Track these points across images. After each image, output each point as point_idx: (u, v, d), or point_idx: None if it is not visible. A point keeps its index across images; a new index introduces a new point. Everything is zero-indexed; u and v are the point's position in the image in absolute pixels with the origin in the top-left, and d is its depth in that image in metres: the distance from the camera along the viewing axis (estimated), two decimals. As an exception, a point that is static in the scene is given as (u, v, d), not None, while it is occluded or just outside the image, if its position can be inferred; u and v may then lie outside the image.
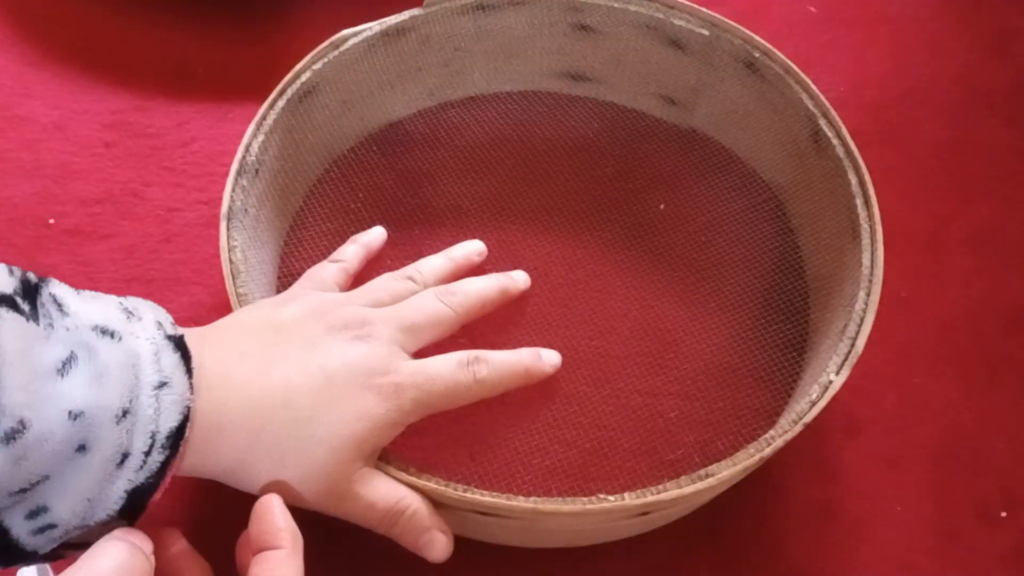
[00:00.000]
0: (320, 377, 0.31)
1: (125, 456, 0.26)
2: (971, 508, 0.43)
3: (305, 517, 0.42)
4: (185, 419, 0.28)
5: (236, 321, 0.35)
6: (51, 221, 0.51)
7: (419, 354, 0.37)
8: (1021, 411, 0.46)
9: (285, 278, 0.47)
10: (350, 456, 0.32)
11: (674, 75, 0.53)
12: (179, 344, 0.29)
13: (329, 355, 0.32)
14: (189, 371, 0.28)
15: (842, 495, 0.43)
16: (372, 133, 0.54)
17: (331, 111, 0.50)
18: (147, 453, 0.26)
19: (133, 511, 0.27)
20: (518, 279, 0.44)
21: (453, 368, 0.36)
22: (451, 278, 0.42)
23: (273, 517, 0.29)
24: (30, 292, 0.27)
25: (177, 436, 0.27)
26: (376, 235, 0.46)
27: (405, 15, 0.50)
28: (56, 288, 0.28)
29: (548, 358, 0.42)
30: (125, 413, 0.26)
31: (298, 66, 0.47)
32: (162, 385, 0.27)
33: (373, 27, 0.49)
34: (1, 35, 0.60)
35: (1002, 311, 0.50)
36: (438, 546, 0.34)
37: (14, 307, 0.25)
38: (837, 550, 0.42)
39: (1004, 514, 0.43)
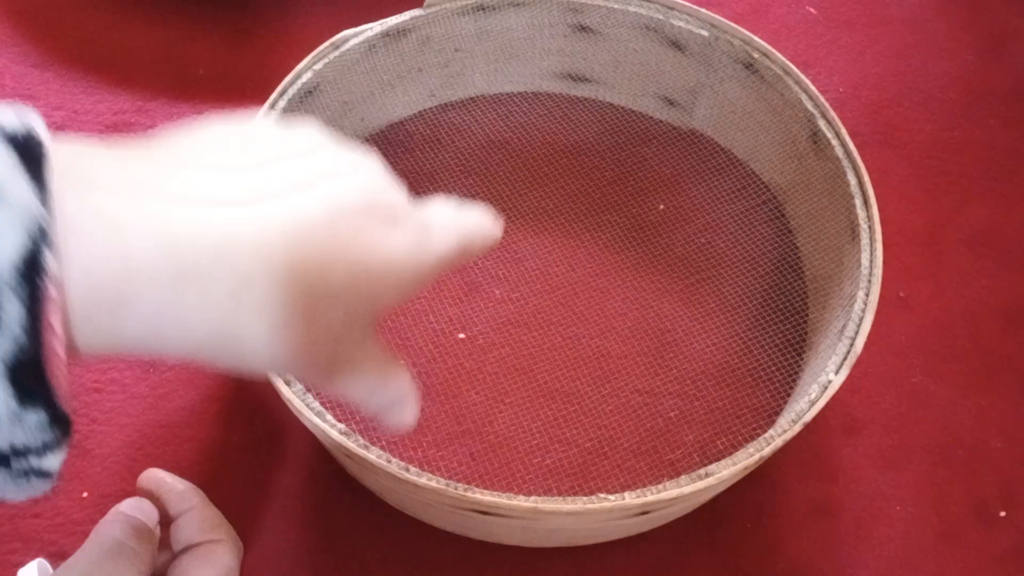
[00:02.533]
0: (331, 201, 0.23)
1: None
2: (970, 507, 0.43)
3: (304, 515, 0.42)
4: (37, 244, 0.19)
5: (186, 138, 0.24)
6: (53, 221, 0.51)
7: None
8: (1019, 410, 0.47)
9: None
10: (369, 320, 0.24)
11: (673, 76, 0.53)
12: (20, 142, 0.19)
13: (338, 169, 0.24)
14: (38, 175, 0.19)
15: (841, 494, 0.44)
16: (373, 134, 0.54)
17: (332, 112, 0.50)
18: None
19: (32, 402, 0.19)
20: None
21: (452, 215, 0.28)
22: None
23: (170, 485, 0.29)
24: None
25: (30, 269, 0.18)
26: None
27: (406, 16, 0.50)
28: None
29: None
30: None
31: (299, 67, 0.47)
32: None
33: (374, 28, 0.49)
34: (3, 36, 0.60)
35: (1000, 311, 0.50)
36: (408, 413, 0.27)
37: None
38: (836, 549, 0.42)
39: (1003, 513, 0.43)
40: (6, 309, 0.18)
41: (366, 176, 0.24)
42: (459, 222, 0.27)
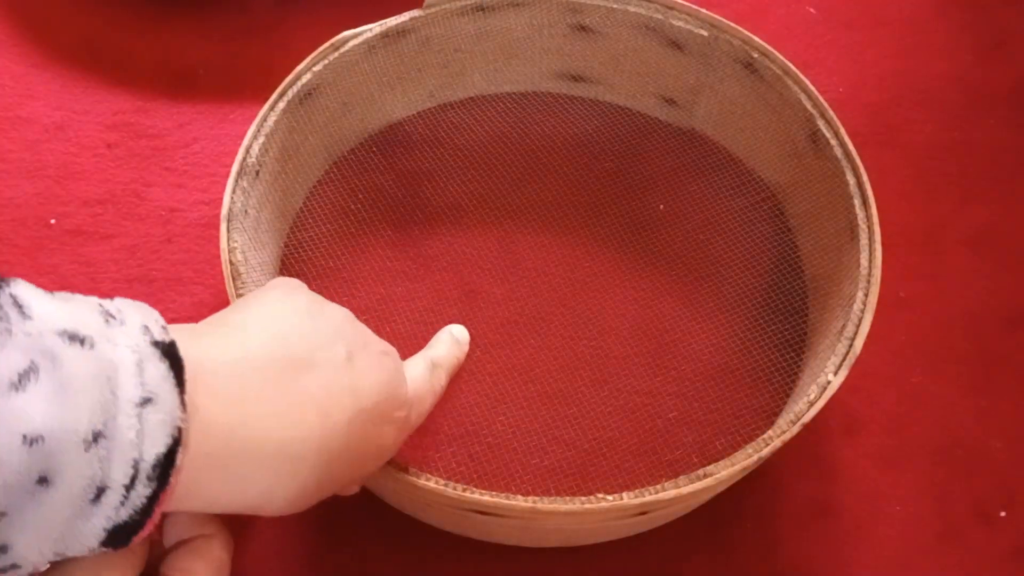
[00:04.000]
0: (354, 410, 0.30)
1: (101, 490, 0.22)
2: (970, 508, 0.43)
3: (303, 515, 0.42)
4: (176, 442, 0.23)
5: (252, 320, 0.30)
6: (53, 221, 0.51)
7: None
8: (1019, 410, 0.46)
9: (286, 279, 0.47)
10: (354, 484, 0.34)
11: (673, 75, 0.53)
12: (168, 351, 0.24)
13: (362, 378, 0.31)
14: (180, 384, 0.24)
15: (841, 495, 0.43)
16: (372, 134, 0.54)
17: (331, 112, 0.50)
18: (129, 486, 0.22)
19: (115, 545, 0.24)
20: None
21: (428, 383, 0.37)
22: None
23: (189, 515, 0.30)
24: None
25: (166, 464, 0.23)
26: None
27: (405, 16, 0.50)
28: (18, 288, 0.23)
29: (460, 336, 0.44)
30: (97, 437, 0.22)
31: (298, 67, 0.47)
32: (146, 402, 0.23)
33: (373, 28, 0.49)
34: (3, 36, 0.60)
35: (1000, 311, 0.50)
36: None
37: None
38: (835, 549, 0.42)
39: (1003, 514, 0.43)
40: (138, 490, 0.23)
41: (386, 375, 0.32)
42: (432, 383, 0.38)
